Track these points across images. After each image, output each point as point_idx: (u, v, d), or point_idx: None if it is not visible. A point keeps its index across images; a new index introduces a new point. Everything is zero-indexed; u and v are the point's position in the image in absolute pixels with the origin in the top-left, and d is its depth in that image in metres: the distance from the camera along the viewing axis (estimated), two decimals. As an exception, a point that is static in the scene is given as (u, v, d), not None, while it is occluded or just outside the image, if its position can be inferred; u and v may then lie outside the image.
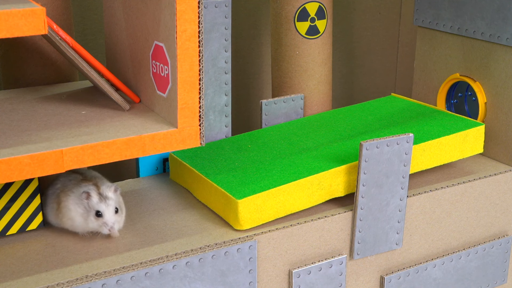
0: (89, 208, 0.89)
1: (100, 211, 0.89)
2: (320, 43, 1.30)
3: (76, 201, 0.90)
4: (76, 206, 0.90)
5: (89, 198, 0.89)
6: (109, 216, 0.89)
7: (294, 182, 0.99)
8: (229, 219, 0.98)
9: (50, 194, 0.95)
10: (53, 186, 0.95)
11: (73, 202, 0.90)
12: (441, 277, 1.15)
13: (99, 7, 1.37)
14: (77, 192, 0.90)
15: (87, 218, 0.89)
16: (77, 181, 0.92)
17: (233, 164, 1.07)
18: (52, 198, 0.94)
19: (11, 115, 0.93)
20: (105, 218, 0.89)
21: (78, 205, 0.90)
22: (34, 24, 0.75)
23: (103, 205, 0.89)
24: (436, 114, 1.23)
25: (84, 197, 0.89)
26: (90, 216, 0.89)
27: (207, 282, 0.93)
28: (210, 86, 1.14)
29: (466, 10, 1.24)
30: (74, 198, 0.90)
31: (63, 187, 0.93)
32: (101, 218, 0.89)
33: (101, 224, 0.89)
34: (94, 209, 0.88)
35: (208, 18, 1.10)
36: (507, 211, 1.21)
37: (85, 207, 0.89)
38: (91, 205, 0.89)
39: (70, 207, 0.91)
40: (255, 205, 0.96)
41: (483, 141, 1.17)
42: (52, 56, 1.09)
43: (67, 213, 0.91)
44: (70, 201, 0.91)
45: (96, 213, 0.89)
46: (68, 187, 0.92)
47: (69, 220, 0.91)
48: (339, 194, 1.04)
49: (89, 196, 0.89)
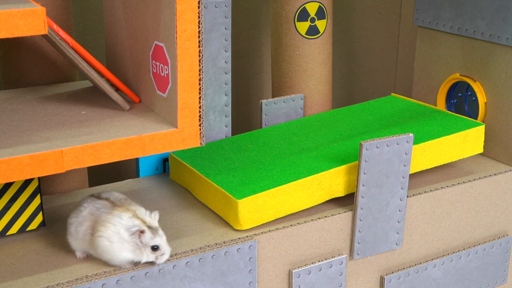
0: (142, 244, 0.85)
1: (156, 245, 0.85)
2: (320, 43, 1.30)
3: (121, 236, 0.84)
4: (124, 242, 0.84)
5: (142, 235, 0.85)
6: (166, 248, 0.86)
7: (294, 182, 0.99)
8: (229, 219, 0.98)
9: (75, 222, 0.88)
10: (77, 213, 0.88)
11: (117, 237, 0.84)
12: (441, 277, 1.15)
13: (99, 7, 1.37)
14: (118, 225, 0.84)
15: (141, 254, 0.85)
16: (109, 209, 0.86)
17: (233, 164, 1.07)
18: (81, 227, 0.87)
19: (11, 115, 0.93)
20: (163, 250, 0.86)
21: (127, 242, 0.85)
22: (34, 24, 0.75)
23: (158, 239, 0.85)
24: (436, 114, 1.23)
25: (137, 236, 0.84)
26: (145, 252, 0.85)
27: (207, 282, 0.93)
28: (210, 86, 1.14)
29: (466, 10, 1.24)
30: (116, 232, 0.84)
31: (92, 215, 0.87)
32: (158, 250, 0.85)
33: (158, 255, 0.86)
34: (149, 245, 0.85)
35: (208, 18, 1.10)
36: (507, 211, 1.21)
37: (137, 244, 0.85)
38: (144, 242, 0.84)
39: (113, 241, 0.84)
40: (255, 205, 0.96)
41: (483, 141, 1.17)
42: (52, 56, 1.09)
43: (108, 247, 0.85)
44: (112, 236, 0.84)
45: (152, 248, 0.85)
46: (102, 217, 0.85)
47: (109, 255, 0.86)
48: (339, 194, 1.04)
49: (142, 233, 0.85)
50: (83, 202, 0.90)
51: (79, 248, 0.89)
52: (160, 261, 0.86)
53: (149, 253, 0.85)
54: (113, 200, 0.89)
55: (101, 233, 0.84)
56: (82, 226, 0.87)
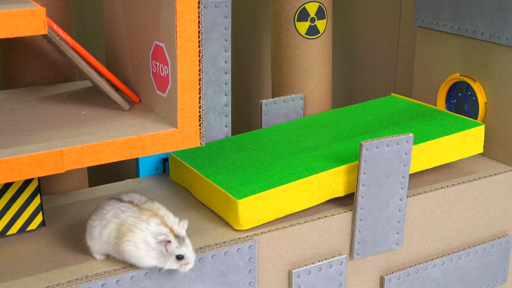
0: (167, 253, 0.84)
1: (182, 255, 0.85)
2: (320, 43, 1.30)
3: (148, 243, 0.84)
4: (150, 249, 0.84)
5: (168, 244, 0.84)
6: (192, 257, 0.86)
7: (294, 182, 0.99)
8: (229, 219, 0.98)
9: (98, 225, 0.87)
10: (100, 216, 0.88)
11: (143, 244, 0.84)
12: (441, 277, 1.15)
13: (99, 7, 1.37)
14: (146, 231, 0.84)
15: (165, 261, 0.85)
16: (136, 213, 0.86)
17: (233, 164, 1.07)
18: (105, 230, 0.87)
19: (11, 115, 0.93)
20: (188, 260, 0.85)
21: (153, 249, 0.84)
22: (34, 24, 0.75)
23: (184, 248, 0.85)
24: (436, 114, 1.23)
25: (163, 245, 0.84)
26: (169, 260, 0.85)
27: (207, 282, 0.93)
28: (210, 86, 1.14)
29: (466, 10, 1.24)
30: (143, 238, 0.84)
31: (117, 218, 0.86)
32: (182, 260, 0.85)
33: (183, 264, 0.86)
34: (174, 254, 0.84)
35: (208, 18, 1.10)
36: (507, 211, 1.21)
37: (162, 252, 0.84)
38: (170, 251, 0.84)
39: (139, 247, 0.84)
40: (255, 205, 0.96)
41: (483, 141, 1.17)
42: (52, 56, 1.09)
43: (134, 252, 0.85)
44: (139, 242, 0.84)
45: (177, 257, 0.85)
46: (129, 221, 0.85)
47: (134, 259, 0.86)
48: (339, 194, 1.04)
49: (168, 243, 0.84)
50: (104, 205, 0.88)
51: (101, 251, 0.89)
52: (184, 269, 0.86)
53: (173, 262, 0.85)
54: (137, 202, 0.88)
55: (128, 238, 0.84)
56: (106, 229, 0.86)
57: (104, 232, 0.86)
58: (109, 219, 0.86)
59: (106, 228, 0.86)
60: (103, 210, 0.88)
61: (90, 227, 0.88)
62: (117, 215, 0.86)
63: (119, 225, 0.85)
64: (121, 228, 0.85)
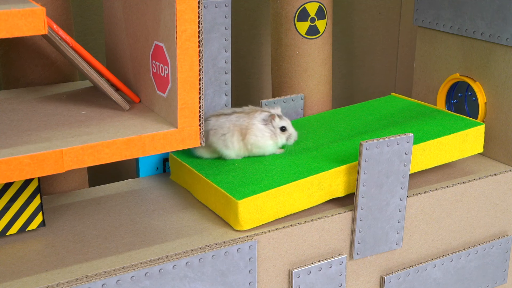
0: (273, 128, 1.07)
1: (284, 126, 1.08)
2: (320, 43, 1.30)
3: (261, 129, 1.06)
4: (264, 132, 1.07)
5: (274, 119, 1.07)
6: (292, 129, 1.09)
7: (294, 183, 0.99)
8: (229, 219, 0.98)
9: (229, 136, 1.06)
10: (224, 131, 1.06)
11: (259, 131, 1.06)
12: (441, 277, 1.15)
13: (99, 7, 1.37)
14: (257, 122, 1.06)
15: (275, 136, 1.07)
16: (245, 117, 1.07)
17: (233, 164, 1.07)
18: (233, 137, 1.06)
19: (11, 115, 0.93)
20: (290, 130, 1.09)
21: (265, 130, 1.07)
22: (34, 24, 0.75)
23: (284, 121, 1.08)
24: (436, 113, 1.23)
25: (270, 120, 1.06)
26: (277, 134, 1.07)
27: (207, 282, 0.93)
28: (210, 86, 1.14)
29: (466, 10, 1.24)
30: (257, 127, 1.06)
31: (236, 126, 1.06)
32: (286, 131, 1.08)
33: (287, 136, 1.08)
34: (278, 126, 1.07)
35: (208, 18, 1.10)
36: (507, 211, 1.21)
37: (271, 129, 1.07)
38: (275, 125, 1.07)
39: (257, 134, 1.06)
40: (255, 206, 0.96)
41: (483, 140, 1.17)
42: (52, 56, 1.09)
43: (257, 141, 1.07)
44: (257, 131, 1.06)
45: (281, 129, 1.07)
46: (244, 123, 1.06)
47: (259, 148, 1.08)
48: (339, 194, 1.04)
49: (274, 118, 1.07)
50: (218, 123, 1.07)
51: (236, 155, 1.08)
52: (290, 142, 1.09)
53: (281, 134, 1.08)
54: (239, 111, 1.09)
55: (249, 133, 1.06)
56: (234, 137, 1.06)
57: (234, 139, 1.06)
58: (231, 128, 1.06)
59: (234, 136, 1.06)
60: (222, 128, 1.06)
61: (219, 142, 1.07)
62: (235, 124, 1.06)
63: (240, 129, 1.06)
64: (242, 131, 1.06)
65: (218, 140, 1.07)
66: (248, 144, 1.07)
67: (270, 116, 1.07)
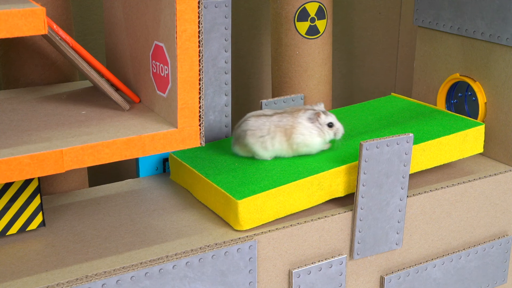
0: (320, 125, 1.06)
1: (331, 122, 1.07)
2: (320, 43, 1.30)
3: (308, 127, 1.06)
4: (311, 130, 1.06)
5: (319, 116, 1.06)
6: (339, 124, 1.08)
7: (294, 183, 0.99)
8: (229, 219, 0.98)
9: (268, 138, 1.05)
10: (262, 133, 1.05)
11: (306, 129, 1.06)
12: (441, 277, 1.15)
13: (99, 7, 1.37)
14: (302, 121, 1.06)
15: (322, 133, 1.06)
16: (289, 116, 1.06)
17: (233, 164, 1.07)
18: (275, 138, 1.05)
19: (11, 115, 0.93)
20: (337, 125, 1.07)
21: (312, 128, 1.06)
22: (34, 24, 0.75)
23: (330, 117, 1.07)
24: (436, 114, 1.23)
25: (316, 117, 1.06)
26: (324, 130, 1.06)
27: (207, 282, 0.93)
28: (210, 86, 1.14)
29: (466, 10, 1.24)
30: (304, 125, 1.05)
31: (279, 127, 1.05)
32: (333, 127, 1.07)
33: (335, 131, 1.07)
34: (325, 123, 1.06)
35: (208, 18, 1.10)
36: (507, 211, 1.21)
37: (318, 127, 1.06)
38: (321, 122, 1.06)
39: (304, 132, 1.05)
40: (255, 206, 0.96)
41: (483, 140, 1.17)
42: (52, 56, 1.09)
43: (304, 139, 1.06)
44: (303, 130, 1.05)
45: (328, 125, 1.06)
46: (289, 123, 1.05)
47: (306, 147, 1.07)
48: (339, 194, 1.04)
49: (319, 115, 1.06)
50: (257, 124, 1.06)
51: (270, 156, 1.07)
52: (338, 136, 1.08)
53: (328, 130, 1.07)
54: (281, 111, 1.08)
55: (295, 134, 1.05)
56: (276, 138, 1.05)
57: (275, 141, 1.05)
58: (272, 130, 1.05)
59: (276, 137, 1.05)
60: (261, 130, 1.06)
61: (257, 144, 1.06)
62: (277, 125, 1.06)
63: (284, 130, 1.05)
64: (286, 131, 1.05)
65: (256, 141, 1.06)
66: (294, 143, 1.06)
67: (316, 114, 1.06)
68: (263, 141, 1.06)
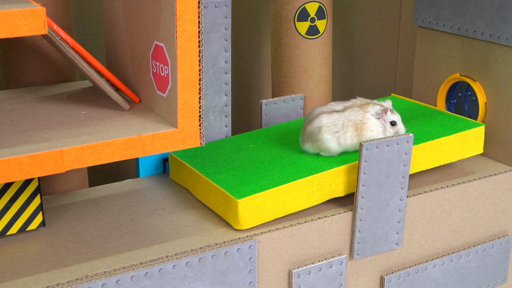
0: (384, 122, 1.07)
1: (394, 121, 1.07)
2: (320, 43, 1.30)
3: (375, 124, 1.06)
4: (378, 127, 1.06)
5: (386, 113, 1.07)
6: (401, 125, 1.09)
7: (294, 182, 0.99)
8: (229, 218, 0.98)
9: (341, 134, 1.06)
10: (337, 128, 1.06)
11: (374, 125, 1.06)
12: (441, 277, 1.15)
13: (99, 7, 1.37)
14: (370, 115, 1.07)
15: (385, 130, 1.07)
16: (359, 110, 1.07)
17: (233, 164, 1.07)
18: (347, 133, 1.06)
19: (11, 115, 0.93)
20: (399, 126, 1.08)
21: (378, 125, 1.07)
22: (34, 24, 0.75)
23: (395, 115, 1.08)
24: (436, 114, 1.23)
25: (384, 113, 1.06)
26: (387, 128, 1.07)
27: (207, 282, 0.93)
28: (210, 86, 1.14)
29: (466, 10, 1.24)
30: (372, 121, 1.06)
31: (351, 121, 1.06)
32: (395, 126, 1.07)
33: (396, 131, 1.08)
34: (389, 120, 1.07)
35: (208, 18, 1.10)
36: (507, 211, 1.21)
37: (382, 123, 1.07)
38: (386, 119, 1.07)
39: (372, 129, 1.06)
40: (255, 205, 0.96)
41: (483, 141, 1.17)
42: (52, 56, 1.09)
43: (372, 136, 1.06)
44: (372, 126, 1.06)
45: (391, 123, 1.07)
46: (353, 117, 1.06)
47: None
48: (339, 194, 1.05)
49: (386, 111, 1.07)
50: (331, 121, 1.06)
51: (338, 152, 1.08)
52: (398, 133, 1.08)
53: (390, 129, 1.07)
54: (350, 104, 1.09)
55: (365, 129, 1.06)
56: (347, 133, 1.06)
57: (347, 135, 1.06)
58: (346, 124, 1.06)
59: (347, 132, 1.06)
60: (336, 124, 1.06)
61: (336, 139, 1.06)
62: (350, 119, 1.06)
63: (355, 124, 1.06)
64: (357, 126, 1.06)
65: (332, 137, 1.06)
66: (363, 139, 1.06)
67: (383, 110, 1.06)
68: (338, 137, 1.06)
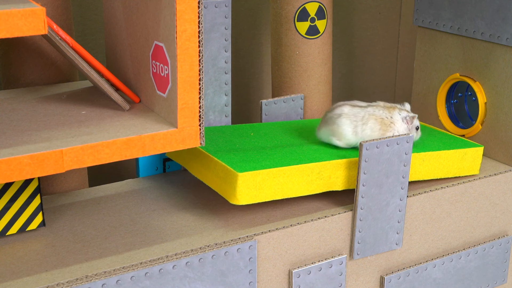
0: (411, 126, 1.11)
1: (418, 126, 1.13)
2: (320, 43, 1.30)
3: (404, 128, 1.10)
4: (405, 131, 1.10)
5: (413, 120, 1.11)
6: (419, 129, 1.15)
7: (295, 166, 0.99)
8: (225, 193, 0.97)
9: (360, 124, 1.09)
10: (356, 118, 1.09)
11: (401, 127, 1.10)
12: (441, 277, 1.15)
13: (99, 7, 1.37)
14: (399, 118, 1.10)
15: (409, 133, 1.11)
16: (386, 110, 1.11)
17: (234, 146, 1.07)
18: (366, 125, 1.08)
19: (11, 115, 0.93)
20: (419, 131, 1.14)
21: (405, 129, 1.10)
22: (34, 24, 0.75)
23: (417, 121, 1.12)
24: (437, 132, 1.23)
25: (411, 119, 1.11)
26: (412, 131, 1.11)
27: (207, 282, 0.93)
28: (210, 86, 1.14)
29: (466, 10, 1.24)
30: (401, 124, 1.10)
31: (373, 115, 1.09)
32: (418, 130, 1.13)
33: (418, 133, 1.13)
34: (415, 125, 1.12)
35: (208, 18, 1.10)
36: (507, 211, 1.21)
37: (408, 127, 1.11)
38: (413, 125, 1.12)
39: (400, 130, 1.10)
40: (255, 182, 0.96)
41: (480, 162, 1.16)
42: (52, 56, 1.09)
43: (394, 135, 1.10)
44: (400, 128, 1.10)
45: (416, 128, 1.12)
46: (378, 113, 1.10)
47: None
48: (338, 188, 1.04)
49: (414, 118, 1.11)
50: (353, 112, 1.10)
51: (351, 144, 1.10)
52: (417, 138, 1.14)
53: (414, 133, 1.12)
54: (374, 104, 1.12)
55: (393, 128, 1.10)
56: (367, 124, 1.08)
57: (366, 127, 1.09)
58: (366, 117, 1.09)
59: (367, 124, 1.09)
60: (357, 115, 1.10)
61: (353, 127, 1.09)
62: (372, 113, 1.10)
63: (376, 119, 1.09)
64: (384, 121, 1.09)
65: (350, 124, 1.09)
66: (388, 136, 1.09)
67: (412, 117, 1.11)
68: (355, 126, 1.09)
